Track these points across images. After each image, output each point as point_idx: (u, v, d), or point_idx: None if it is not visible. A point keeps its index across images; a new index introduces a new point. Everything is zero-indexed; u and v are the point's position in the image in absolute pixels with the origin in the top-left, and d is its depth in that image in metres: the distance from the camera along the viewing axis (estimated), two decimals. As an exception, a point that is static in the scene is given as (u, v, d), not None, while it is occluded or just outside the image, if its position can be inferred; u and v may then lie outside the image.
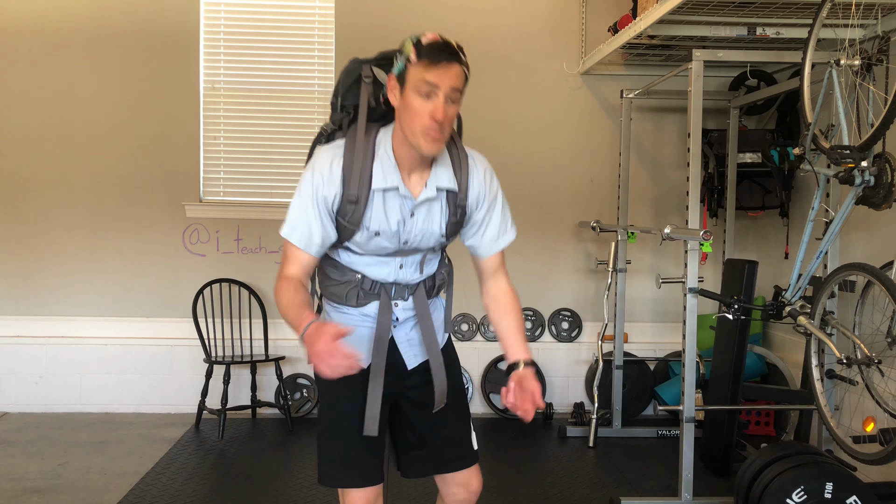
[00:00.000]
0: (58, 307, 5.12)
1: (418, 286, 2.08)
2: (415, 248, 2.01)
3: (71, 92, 5.08)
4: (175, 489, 3.73)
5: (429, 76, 1.76)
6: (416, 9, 5.16)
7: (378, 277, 2.04)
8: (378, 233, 1.94)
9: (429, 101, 1.78)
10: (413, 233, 1.97)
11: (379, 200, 1.92)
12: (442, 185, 1.95)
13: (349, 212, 1.91)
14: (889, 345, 3.04)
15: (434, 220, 1.98)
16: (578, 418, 4.77)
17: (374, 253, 2.00)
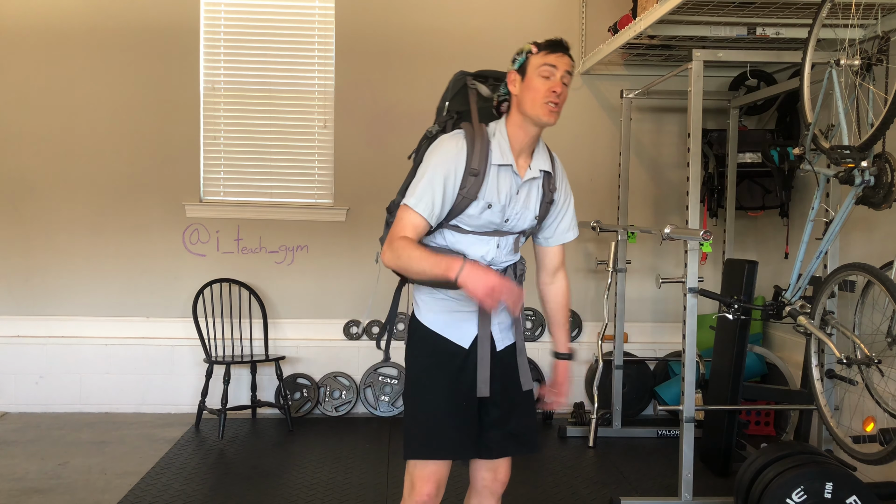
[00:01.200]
0: (58, 307, 5.12)
1: (507, 272, 2.30)
2: (511, 229, 2.26)
3: (71, 92, 5.08)
4: (175, 489, 3.74)
5: (549, 59, 2.13)
6: (416, 9, 5.16)
7: (478, 256, 2.23)
8: (490, 205, 2.19)
9: (548, 81, 2.13)
10: (515, 210, 2.24)
11: (494, 175, 2.19)
12: (543, 167, 2.27)
13: (469, 183, 2.16)
14: (889, 345, 3.04)
15: (532, 201, 2.27)
16: (578, 418, 4.77)
17: (479, 230, 2.22)
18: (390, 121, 5.15)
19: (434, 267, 2.05)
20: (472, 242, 2.23)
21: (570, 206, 2.41)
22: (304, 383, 5.06)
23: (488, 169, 2.17)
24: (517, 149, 2.22)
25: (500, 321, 2.31)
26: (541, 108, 2.13)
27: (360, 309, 5.23)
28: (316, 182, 5.23)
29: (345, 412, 5.05)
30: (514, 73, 2.21)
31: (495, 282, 1.99)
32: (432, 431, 2.21)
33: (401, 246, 2.11)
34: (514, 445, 2.30)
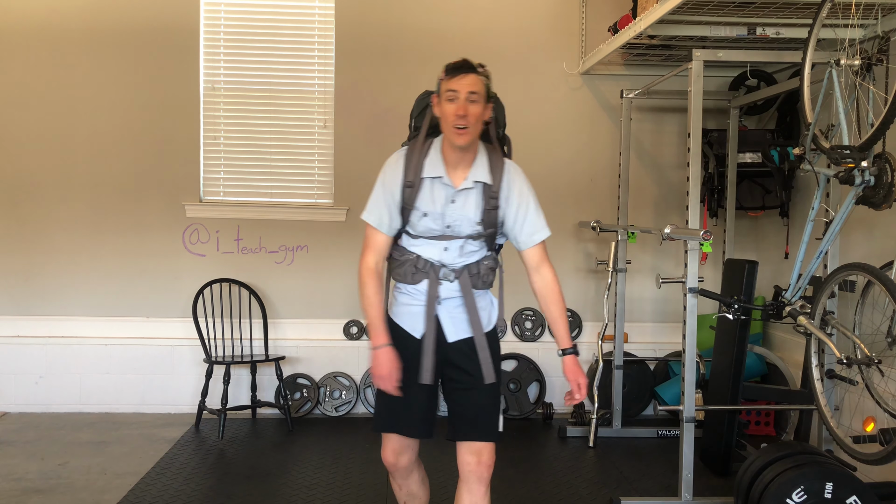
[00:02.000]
0: (58, 307, 5.12)
1: (462, 272, 2.48)
2: (456, 234, 2.45)
3: (71, 92, 5.08)
4: (175, 489, 3.73)
5: (450, 84, 2.36)
6: (416, 9, 5.16)
7: (430, 257, 2.48)
8: (426, 213, 2.43)
9: (453, 104, 2.34)
10: (454, 217, 2.43)
11: (427, 186, 2.43)
12: (478, 178, 2.44)
13: (407, 195, 2.43)
14: (889, 345, 3.04)
15: (469, 208, 2.44)
16: (578, 418, 4.77)
17: (425, 235, 2.46)
18: (390, 121, 5.14)
19: (370, 328, 2.48)
20: (423, 245, 2.49)
21: (530, 211, 2.51)
22: (304, 383, 5.06)
23: (422, 181, 2.43)
24: (451, 161, 2.43)
25: (453, 315, 2.49)
26: (450, 131, 2.36)
27: (360, 309, 5.22)
28: (316, 182, 5.23)
29: (345, 412, 5.05)
30: (435, 96, 2.45)
31: (379, 372, 2.42)
32: (386, 409, 2.50)
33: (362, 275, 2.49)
34: (473, 432, 2.46)
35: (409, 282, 2.49)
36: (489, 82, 2.45)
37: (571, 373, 2.44)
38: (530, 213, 2.51)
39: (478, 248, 2.51)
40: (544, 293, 2.50)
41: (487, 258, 2.54)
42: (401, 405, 2.47)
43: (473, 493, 2.51)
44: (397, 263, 2.54)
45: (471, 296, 2.48)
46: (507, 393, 5.10)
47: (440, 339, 2.48)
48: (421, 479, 2.68)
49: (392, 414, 2.50)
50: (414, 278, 2.48)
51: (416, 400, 2.47)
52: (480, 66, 2.45)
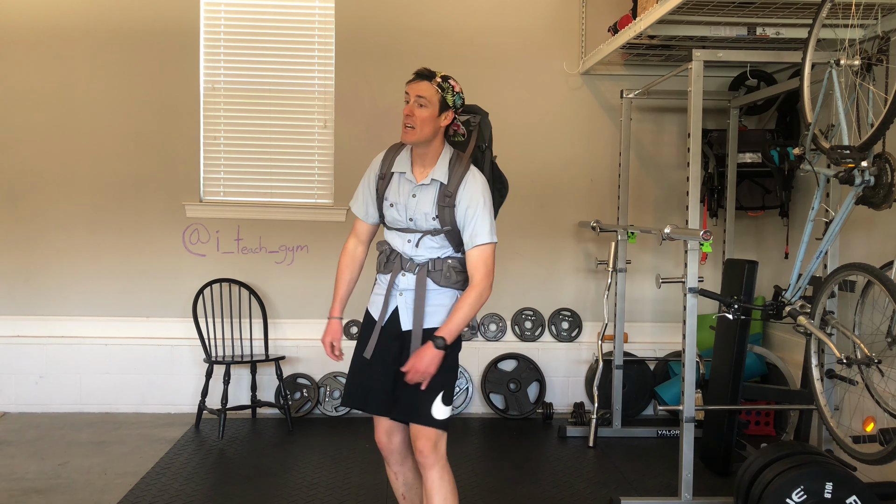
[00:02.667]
0: (58, 307, 5.12)
1: (422, 267, 2.67)
2: (417, 227, 2.66)
3: (71, 91, 5.08)
4: (175, 489, 3.74)
5: (406, 88, 2.63)
6: (417, 9, 5.16)
7: (396, 247, 2.72)
8: (392, 204, 2.69)
9: (405, 105, 2.62)
10: (414, 210, 2.65)
11: (396, 180, 2.70)
12: (436, 177, 2.65)
13: (380, 186, 2.73)
14: (889, 345, 3.04)
15: (427, 204, 2.64)
16: (578, 418, 4.77)
17: (393, 225, 2.72)
18: (390, 121, 5.14)
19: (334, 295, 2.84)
20: (393, 236, 2.74)
21: (477, 215, 2.60)
22: (304, 383, 5.06)
23: (392, 175, 2.71)
24: (417, 161, 2.68)
25: (409, 307, 2.68)
26: (402, 131, 2.63)
27: (360, 309, 5.21)
28: (316, 182, 5.23)
29: (345, 412, 5.05)
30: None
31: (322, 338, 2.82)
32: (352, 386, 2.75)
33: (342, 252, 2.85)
34: (411, 415, 2.64)
35: (381, 271, 2.76)
36: (450, 94, 2.62)
37: (417, 355, 2.54)
38: (476, 217, 2.60)
39: (439, 245, 2.67)
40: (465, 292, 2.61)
41: (452, 258, 2.68)
42: (365, 384, 2.71)
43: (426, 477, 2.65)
44: (378, 253, 2.79)
45: (422, 289, 2.65)
46: (507, 393, 5.11)
47: (398, 326, 2.69)
48: (416, 469, 2.74)
49: (357, 391, 2.72)
50: (385, 268, 2.74)
51: (379, 381, 2.67)
52: (442, 77, 2.62)
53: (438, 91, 2.59)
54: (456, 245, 2.67)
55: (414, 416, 2.61)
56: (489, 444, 4.57)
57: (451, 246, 2.67)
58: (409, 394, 2.59)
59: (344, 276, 2.81)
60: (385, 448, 2.73)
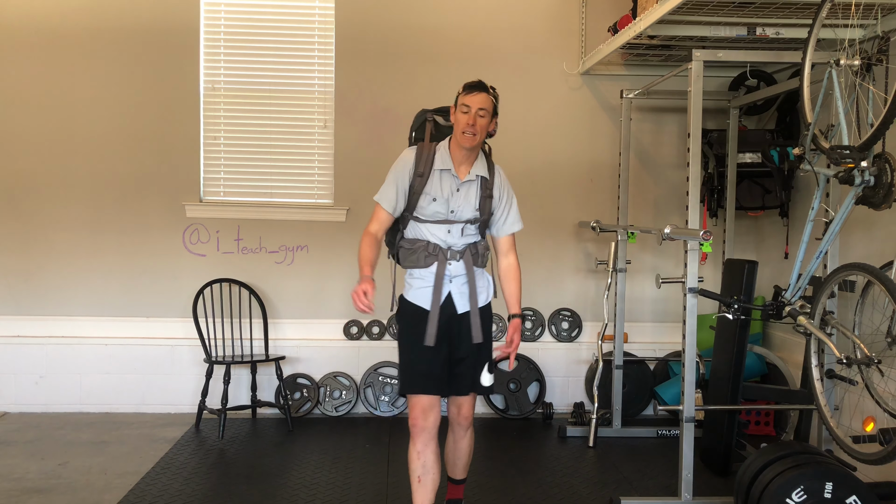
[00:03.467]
0: (58, 307, 5.12)
1: (465, 252, 2.99)
2: (458, 218, 2.98)
3: (71, 92, 5.09)
4: (175, 489, 3.74)
5: (465, 100, 2.92)
6: (417, 9, 5.16)
7: (436, 240, 2.98)
8: (435, 198, 2.95)
9: (465, 115, 2.90)
10: (458, 203, 2.97)
11: (437, 177, 2.97)
12: (479, 173, 3.00)
13: (417, 183, 2.97)
14: (889, 345, 3.04)
15: (472, 197, 2.99)
16: (578, 418, 4.77)
17: (432, 219, 2.98)
18: (390, 121, 5.15)
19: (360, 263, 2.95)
20: (430, 229, 2.99)
21: (513, 206, 3.08)
22: (304, 383, 5.07)
23: (432, 172, 2.96)
24: (457, 159, 2.98)
25: (462, 291, 2.99)
26: (461, 136, 2.91)
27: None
28: (316, 182, 5.24)
29: (345, 412, 5.05)
30: (453, 106, 2.98)
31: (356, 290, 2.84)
32: (409, 373, 2.98)
33: (363, 236, 3.01)
34: (466, 386, 3.01)
35: (422, 265, 2.97)
36: (497, 102, 2.96)
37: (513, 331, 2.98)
38: (513, 209, 3.08)
39: (474, 233, 3.03)
40: (507, 272, 3.09)
41: (481, 243, 3.07)
42: (426, 366, 2.94)
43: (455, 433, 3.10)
44: (409, 252, 3.01)
45: (472, 272, 2.99)
46: (507, 393, 5.11)
47: (452, 311, 2.98)
48: (436, 455, 2.98)
49: (420, 373, 2.95)
50: (427, 261, 2.96)
51: (433, 363, 2.94)
52: (492, 88, 2.95)
53: (493, 101, 2.93)
54: (482, 231, 3.05)
55: (473, 386, 3.00)
56: (489, 444, 4.57)
57: (480, 233, 3.05)
58: (469, 367, 2.98)
59: (372, 250, 2.97)
60: (419, 426, 2.93)
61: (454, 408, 3.06)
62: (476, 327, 2.97)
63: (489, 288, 3.09)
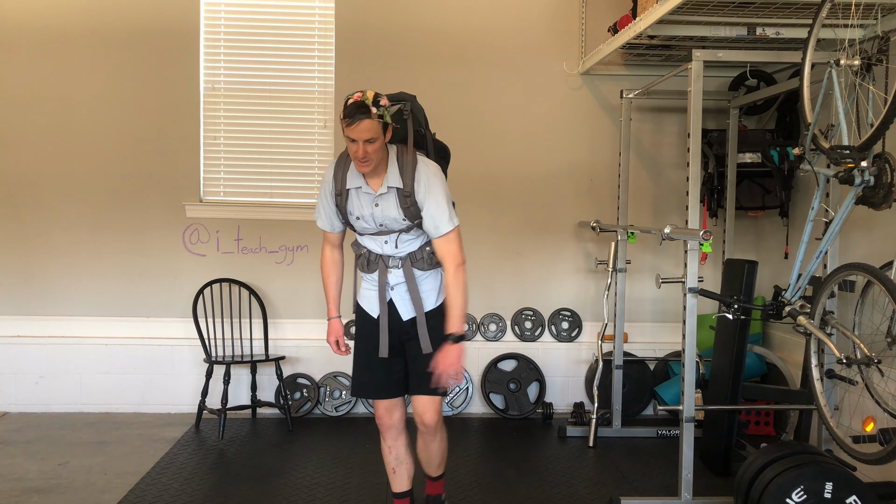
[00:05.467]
0: (58, 307, 5.12)
1: (405, 260, 2.89)
2: (389, 229, 2.86)
3: (71, 92, 5.08)
4: (175, 489, 3.74)
5: (347, 133, 2.65)
6: (416, 9, 5.16)
7: (374, 250, 2.92)
8: (359, 217, 2.86)
9: (353, 145, 2.66)
10: (382, 217, 2.83)
11: (354, 195, 2.85)
12: (391, 184, 2.80)
13: (339, 202, 2.89)
14: (889, 345, 3.04)
15: (391, 208, 2.82)
16: (578, 418, 4.77)
17: (365, 232, 2.91)
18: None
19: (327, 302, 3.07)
20: (368, 241, 2.93)
21: (439, 208, 2.79)
22: (304, 383, 5.06)
23: (349, 191, 2.85)
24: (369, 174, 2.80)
25: (404, 298, 2.92)
26: (356, 164, 2.72)
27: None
28: (316, 182, 5.23)
29: (345, 412, 5.05)
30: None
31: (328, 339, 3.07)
32: (359, 377, 3.02)
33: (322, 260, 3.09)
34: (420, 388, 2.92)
35: (366, 271, 2.96)
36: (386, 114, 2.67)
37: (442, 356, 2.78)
38: (439, 209, 2.79)
39: (415, 237, 2.89)
40: (446, 281, 2.83)
41: (429, 244, 2.89)
42: (369, 373, 2.97)
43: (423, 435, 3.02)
44: (356, 256, 3.00)
45: (413, 281, 2.88)
46: (507, 393, 5.11)
47: (397, 317, 2.92)
48: (408, 446, 3.07)
49: (364, 381, 3.00)
50: (369, 268, 2.94)
51: (381, 368, 2.94)
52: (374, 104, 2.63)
53: (378, 121, 2.64)
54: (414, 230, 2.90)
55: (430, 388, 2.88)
56: (489, 444, 4.57)
57: (425, 234, 2.88)
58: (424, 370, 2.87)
59: (331, 279, 3.05)
60: (385, 424, 3.00)
61: (416, 415, 2.99)
62: (424, 337, 2.86)
63: (441, 290, 2.92)
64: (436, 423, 2.97)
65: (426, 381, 2.87)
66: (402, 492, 3.10)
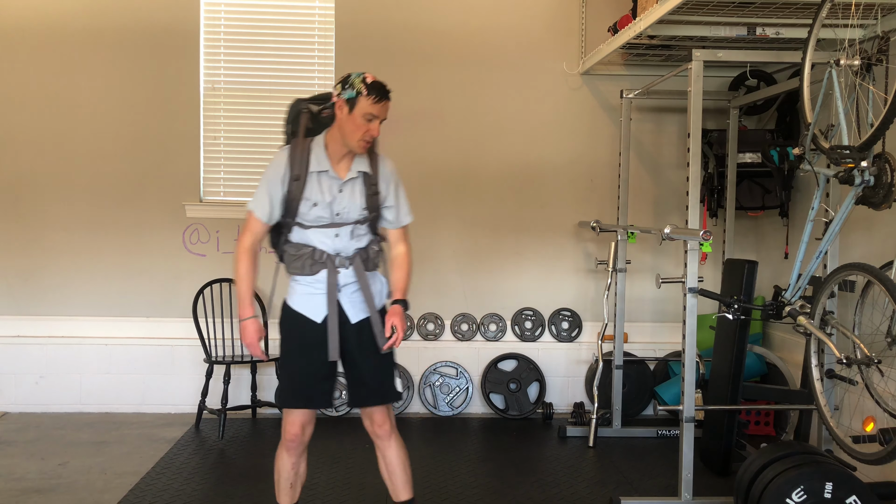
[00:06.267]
0: (58, 307, 5.12)
1: (355, 258, 2.81)
2: (345, 220, 2.78)
3: (71, 92, 5.09)
4: (175, 489, 3.74)
5: (374, 110, 2.66)
6: (416, 9, 5.16)
7: (322, 247, 2.79)
8: (315, 203, 2.74)
9: (369, 124, 2.67)
10: (343, 205, 2.76)
11: (315, 179, 2.75)
12: (361, 168, 2.79)
13: (294, 187, 2.74)
14: (889, 345, 3.04)
15: (356, 195, 2.78)
16: (578, 418, 4.77)
17: (316, 224, 2.77)
18: (390, 121, 5.11)
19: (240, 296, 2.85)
20: (315, 235, 2.79)
21: (401, 199, 2.90)
22: (304, 383, 5.06)
23: (308, 175, 2.75)
24: (336, 156, 2.76)
25: (353, 300, 2.83)
26: (357, 142, 2.69)
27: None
28: (316, 182, 5.23)
29: (345, 412, 5.05)
30: (343, 102, 2.68)
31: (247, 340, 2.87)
32: (292, 386, 2.86)
33: (239, 253, 2.84)
34: (376, 397, 2.85)
35: (307, 273, 2.81)
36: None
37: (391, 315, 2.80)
38: (402, 201, 2.90)
39: (365, 233, 2.84)
40: (396, 260, 2.91)
41: (373, 242, 2.88)
42: (305, 381, 2.84)
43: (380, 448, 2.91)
44: (294, 258, 2.83)
45: (365, 279, 2.81)
46: (507, 393, 5.11)
47: (343, 320, 2.81)
48: (307, 462, 3.01)
49: (298, 390, 2.85)
50: (312, 269, 2.80)
51: (320, 375, 2.82)
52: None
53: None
54: (374, 229, 2.87)
55: (387, 396, 2.86)
56: (489, 444, 4.57)
57: (371, 232, 2.87)
58: (375, 378, 2.84)
59: (251, 275, 2.87)
60: (296, 440, 2.92)
61: (368, 421, 2.90)
62: (380, 336, 2.80)
63: (383, 290, 2.91)
64: (391, 424, 2.90)
65: (382, 389, 2.84)
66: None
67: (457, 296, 5.27)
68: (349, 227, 2.79)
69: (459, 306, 5.26)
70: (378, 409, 2.87)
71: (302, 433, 2.92)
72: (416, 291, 5.24)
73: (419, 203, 5.23)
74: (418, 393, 5.13)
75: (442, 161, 5.16)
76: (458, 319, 5.25)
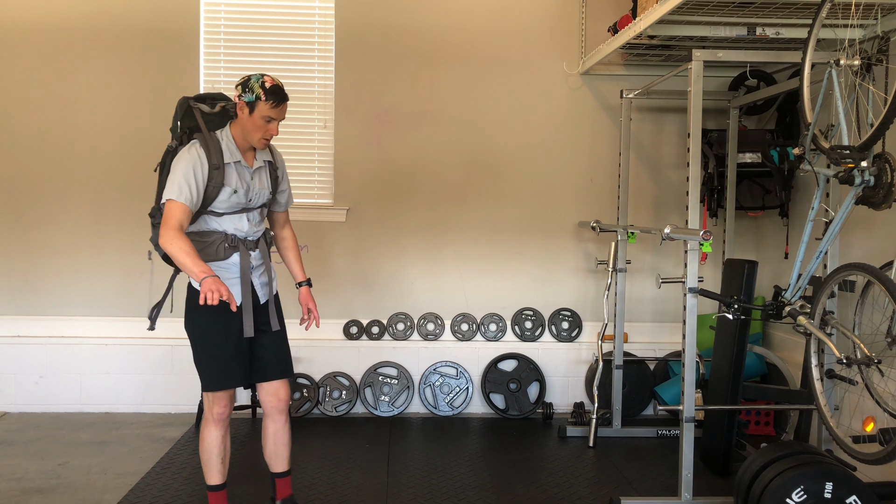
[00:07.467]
0: (58, 307, 5.12)
1: (259, 242, 3.09)
2: (254, 205, 3.07)
3: (71, 92, 5.08)
4: (175, 489, 3.74)
5: (272, 113, 2.92)
6: (416, 9, 5.16)
7: (234, 231, 3.01)
8: (235, 190, 2.98)
9: (268, 125, 2.95)
10: (255, 191, 3.06)
11: (231, 169, 2.98)
12: (266, 158, 3.13)
13: (215, 176, 2.92)
14: (889, 345, 3.04)
15: (264, 181, 3.11)
16: (578, 418, 4.77)
17: (229, 210, 2.99)
18: (390, 121, 5.15)
19: (192, 265, 2.75)
20: (229, 220, 3.01)
21: (289, 185, 3.29)
22: (304, 383, 5.06)
23: (226, 165, 2.95)
24: (243, 148, 3.02)
25: (262, 281, 3.11)
26: (258, 140, 2.98)
27: (360, 308, 5.23)
28: (316, 182, 5.23)
29: (344, 412, 5.05)
30: (244, 104, 2.91)
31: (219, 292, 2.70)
32: (223, 369, 3.03)
33: (172, 236, 2.80)
34: (277, 372, 3.11)
35: (221, 258, 2.99)
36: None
37: (304, 299, 3.30)
38: (289, 185, 3.28)
39: (262, 219, 3.15)
40: (286, 241, 3.32)
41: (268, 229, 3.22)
42: (233, 362, 3.02)
43: (276, 421, 3.15)
44: (205, 244, 2.99)
45: (269, 261, 3.14)
46: (507, 393, 5.11)
47: (254, 301, 3.05)
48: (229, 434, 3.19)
49: (224, 372, 3.03)
50: (226, 253, 2.99)
51: (240, 356, 3.04)
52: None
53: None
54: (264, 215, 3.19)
55: (287, 371, 3.14)
56: (489, 444, 4.57)
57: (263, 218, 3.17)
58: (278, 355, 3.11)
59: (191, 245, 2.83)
60: (225, 417, 3.10)
61: (270, 396, 3.12)
62: (273, 315, 3.10)
63: (273, 276, 3.21)
64: (288, 400, 3.17)
65: (285, 364, 3.13)
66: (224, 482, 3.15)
67: (457, 296, 5.27)
68: (256, 212, 3.09)
69: (459, 306, 5.26)
70: (282, 385, 3.12)
71: (229, 407, 3.11)
72: (416, 291, 5.27)
73: (419, 203, 5.27)
74: (418, 393, 5.13)
75: (442, 161, 5.16)
76: (458, 319, 5.25)
